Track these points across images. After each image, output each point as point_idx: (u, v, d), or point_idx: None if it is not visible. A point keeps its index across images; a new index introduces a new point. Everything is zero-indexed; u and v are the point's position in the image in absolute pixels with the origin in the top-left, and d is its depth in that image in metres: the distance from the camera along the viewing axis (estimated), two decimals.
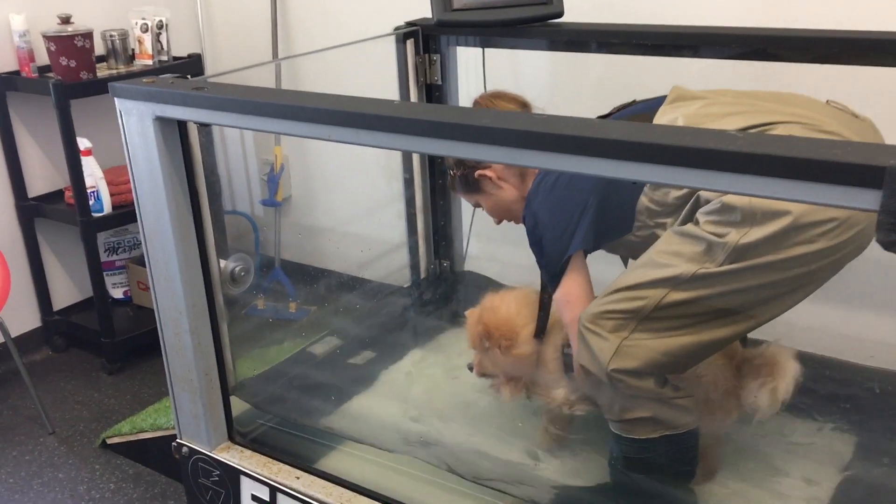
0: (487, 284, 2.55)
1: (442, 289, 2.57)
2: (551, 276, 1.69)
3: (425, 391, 2.21)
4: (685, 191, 1.53)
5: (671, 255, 1.47)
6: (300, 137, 1.39)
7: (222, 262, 1.88)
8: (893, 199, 0.89)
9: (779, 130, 1.44)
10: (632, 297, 1.49)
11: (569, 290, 1.66)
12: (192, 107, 1.52)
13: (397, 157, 2.53)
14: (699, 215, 1.47)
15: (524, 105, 1.94)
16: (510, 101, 1.95)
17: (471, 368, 1.94)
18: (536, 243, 1.71)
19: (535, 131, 1.13)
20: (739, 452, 1.80)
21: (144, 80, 1.60)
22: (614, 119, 1.71)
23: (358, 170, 2.98)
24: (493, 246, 2.57)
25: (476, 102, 1.97)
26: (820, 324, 2.04)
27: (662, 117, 1.58)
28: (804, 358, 1.65)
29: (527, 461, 1.87)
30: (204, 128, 1.68)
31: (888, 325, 2.19)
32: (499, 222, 2.01)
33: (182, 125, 1.63)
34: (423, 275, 2.55)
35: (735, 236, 1.40)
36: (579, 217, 1.62)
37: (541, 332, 1.82)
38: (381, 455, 1.90)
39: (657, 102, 1.65)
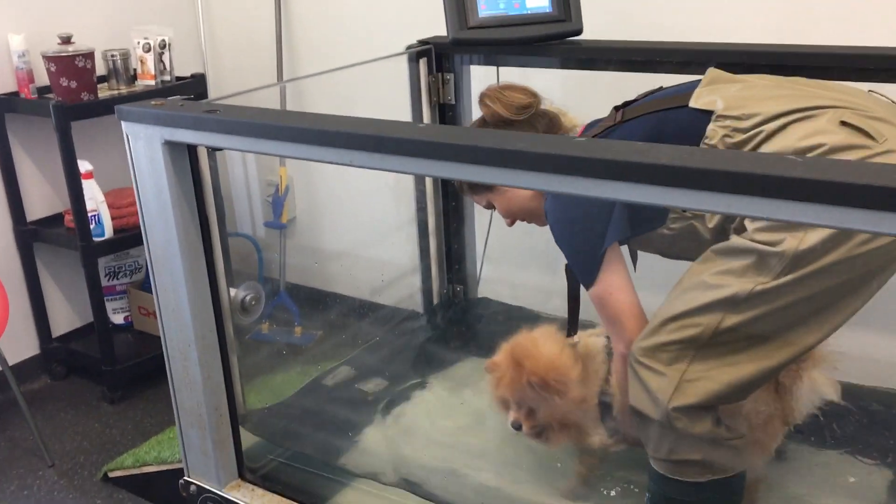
0: (502, 310, 2.48)
1: (456, 315, 2.49)
2: (585, 272, 1.56)
3: (444, 425, 2.12)
4: None
5: (721, 273, 1.38)
6: (318, 162, 1.32)
7: (232, 291, 1.80)
8: None
9: (827, 115, 1.35)
10: (685, 326, 1.40)
11: (610, 282, 1.53)
12: (203, 130, 1.45)
13: (408, 178, 2.46)
14: (747, 223, 1.37)
15: (534, 96, 1.79)
16: (520, 91, 1.78)
17: (518, 427, 1.72)
18: (564, 238, 1.58)
19: (574, 156, 1.06)
20: (775, 488, 1.72)
21: (153, 102, 1.53)
22: (638, 103, 1.61)
23: (367, 191, 2.91)
24: (507, 269, 2.50)
25: (484, 95, 1.80)
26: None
27: (699, 99, 1.48)
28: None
29: (559, 500, 1.78)
30: (215, 151, 1.61)
31: None
32: (511, 223, 1.86)
33: (192, 149, 1.56)
34: (435, 300, 2.48)
35: (792, 242, 1.30)
36: (612, 205, 1.52)
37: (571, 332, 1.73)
38: (401, 494, 1.81)
39: (687, 87, 1.55)
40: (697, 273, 1.43)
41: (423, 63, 2.23)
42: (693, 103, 1.49)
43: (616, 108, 1.63)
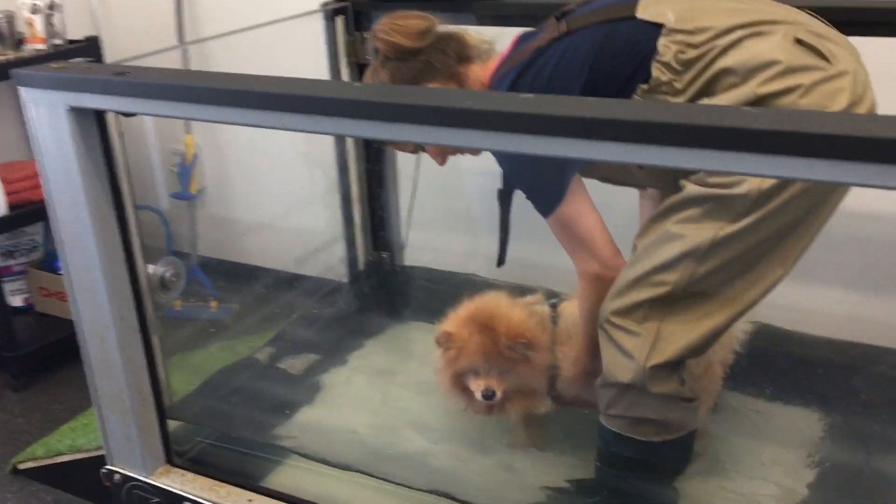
0: (429, 275, 2.44)
1: (383, 283, 2.43)
2: (549, 198, 1.48)
3: (377, 396, 2.08)
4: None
5: (682, 223, 1.35)
6: (244, 126, 1.23)
7: (150, 268, 1.69)
8: None
9: (781, 31, 1.33)
10: (655, 283, 1.38)
11: (577, 204, 1.46)
12: (114, 95, 1.33)
13: (327, 144, 2.37)
14: (703, 173, 1.35)
15: (429, 18, 1.64)
16: (414, 17, 1.62)
17: (490, 395, 1.63)
18: (522, 168, 1.51)
19: (525, 113, 1.02)
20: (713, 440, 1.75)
21: (53, 65, 1.40)
22: (579, 13, 1.51)
23: (282, 159, 2.79)
24: (433, 234, 2.45)
25: (378, 31, 1.62)
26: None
27: (647, 10, 1.42)
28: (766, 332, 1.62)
29: (500, 466, 1.76)
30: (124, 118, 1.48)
31: (846, 297, 2.17)
32: (444, 161, 1.73)
33: (100, 116, 1.44)
34: (361, 268, 2.41)
35: (755, 182, 1.28)
36: None
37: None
38: (338, 469, 1.76)
39: None
40: (658, 227, 1.40)
41: (340, 22, 2.14)
42: (641, 14, 1.42)
43: (557, 18, 1.54)
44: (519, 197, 1.61)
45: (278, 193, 2.88)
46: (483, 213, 2.52)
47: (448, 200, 2.51)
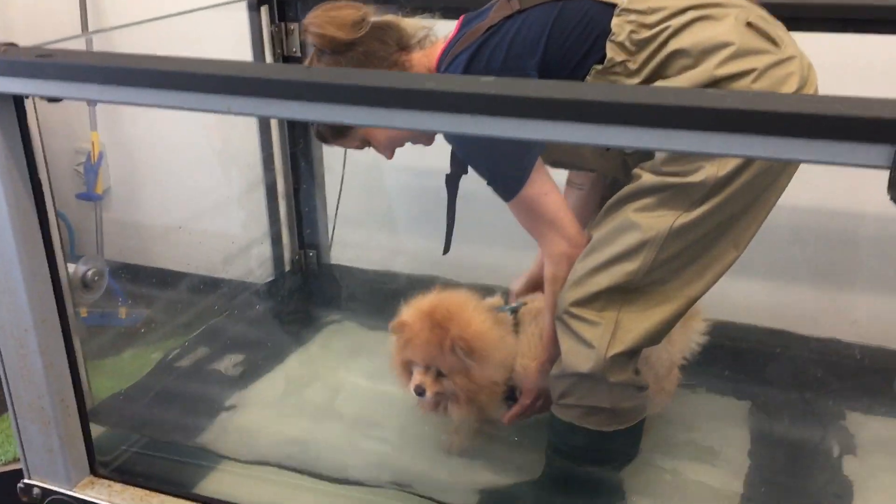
0: (357, 274, 2.40)
1: (310, 282, 2.37)
2: (512, 181, 1.45)
3: (307, 396, 2.02)
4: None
5: (639, 212, 1.36)
6: (187, 110, 1.17)
7: (71, 267, 1.59)
8: None
9: (733, 14, 1.35)
10: (613, 273, 1.38)
11: (541, 185, 1.44)
12: (38, 79, 1.24)
13: (249, 138, 2.29)
14: (658, 160, 1.36)
15: (361, 7, 1.58)
16: (347, 7, 1.57)
17: (421, 392, 1.59)
18: (480, 152, 1.46)
19: (496, 94, 1.00)
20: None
21: None
22: None
23: (198, 155, 2.68)
24: (361, 232, 2.41)
25: (309, 24, 1.56)
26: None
27: None
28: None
29: (439, 463, 1.74)
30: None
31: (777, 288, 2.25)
32: (392, 155, 1.66)
33: (19, 102, 1.34)
34: (287, 267, 2.34)
35: (711, 170, 1.30)
36: None
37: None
38: (271, 470, 1.70)
39: None
40: (615, 216, 1.41)
41: (264, 12, 2.07)
42: None
43: None
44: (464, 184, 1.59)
45: (193, 193, 2.77)
46: (407, 211, 2.49)
47: (372, 198, 2.48)
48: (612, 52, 1.38)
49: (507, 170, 1.46)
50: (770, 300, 2.17)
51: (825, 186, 2.05)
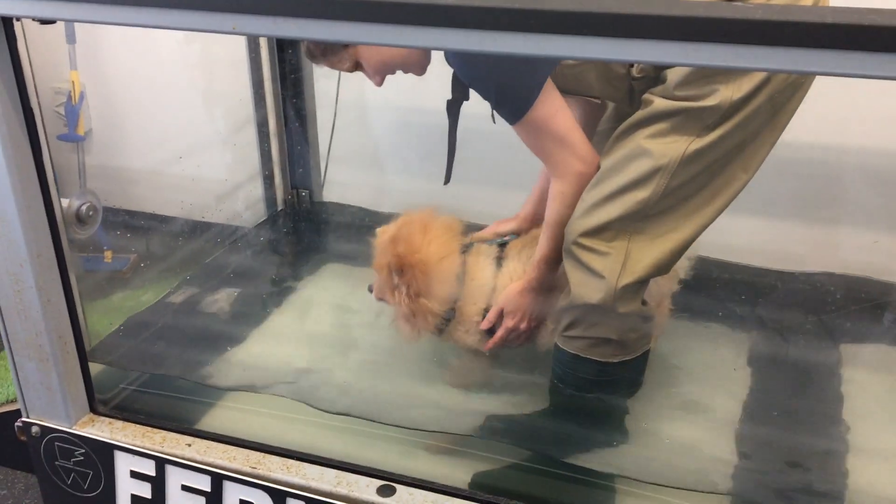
0: (349, 212, 2.37)
1: (302, 221, 2.33)
2: (521, 101, 1.42)
3: (309, 332, 2.01)
4: None
5: (650, 139, 1.34)
6: (195, 31, 1.12)
7: (64, 201, 1.55)
8: None
9: None
10: (624, 201, 1.36)
11: (552, 104, 1.39)
12: None
13: (241, 75, 2.23)
14: (672, 84, 1.33)
15: None
16: None
17: (370, 289, 1.73)
18: (488, 72, 1.41)
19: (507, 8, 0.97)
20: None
21: None
22: None
23: (186, 96, 2.61)
24: (353, 170, 2.37)
25: None
26: None
27: None
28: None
29: (443, 396, 1.74)
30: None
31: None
32: (381, 81, 1.60)
33: (9, 25, 1.29)
34: (279, 207, 2.30)
35: (726, 93, 1.27)
36: None
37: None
38: (273, 405, 1.69)
39: None
40: (625, 143, 1.38)
41: None
42: None
43: None
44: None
45: (180, 134, 2.70)
46: (401, 149, 2.45)
47: (365, 136, 2.43)
48: None
49: (514, 91, 1.42)
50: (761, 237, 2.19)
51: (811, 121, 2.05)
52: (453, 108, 1.59)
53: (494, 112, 1.48)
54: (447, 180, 1.63)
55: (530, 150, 1.49)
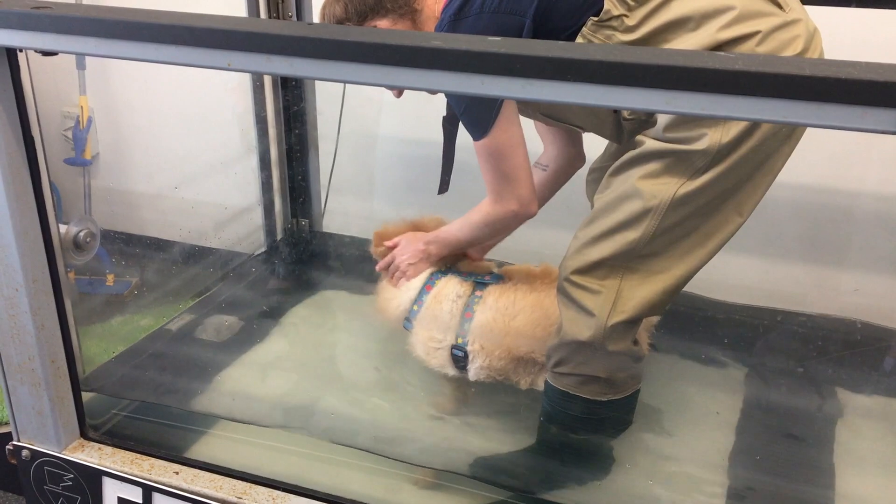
0: (349, 243, 2.39)
1: (304, 250, 2.35)
2: (481, 122, 1.45)
3: (303, 360, 2.01)
4: None
5: (643, 179, 1.35)
6: (193, 67, 1.15)
7: (62, 227, 1.57)
8: None
9: None
10: (615, 240, 1.37)
11: (508, 135, 1.43)
12: (33, 31, 1.21)
13: (244, 103, 2.26)
14: (661, 126, 1.35)
15: None
16: None
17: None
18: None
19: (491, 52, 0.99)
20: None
21: None
22: None
23: (191, 123, 2.65)
24: (354, 201, 2.39)
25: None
26: None
27: None
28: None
29: (437, 428, 1.74)
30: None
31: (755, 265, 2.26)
32: (400, 93, 1.69)
33: (12, 56, 1.32)
34: (279, 236, 2.32)
35: (715, 137, 1.29)
36: None
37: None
38: (263, 434, 1.69)
39: None
40: (615, 184, 1.40)
41: None
42: None
43: None
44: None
45: (182, 160, 2.74)
46: (400, 180, 2.48)
47: (365, 166, 2.46)
48: (609, 4, 1.36)
49: (477, 109, 1.44)
50: (763, 277, 2.19)
51: (818, 164, 2.06)
52: (449, 124, 1.62)
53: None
54: (442, 190, 1.65)
55: (482, 176, 1.52)
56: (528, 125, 1.75)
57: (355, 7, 1.54)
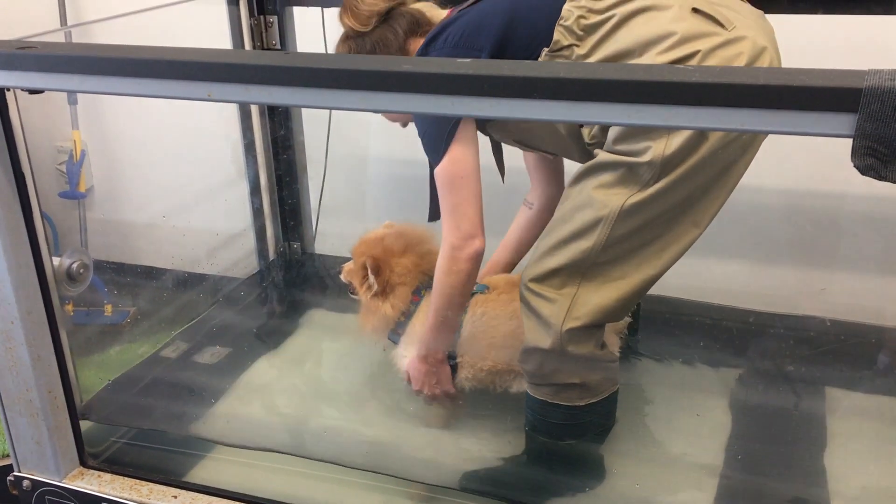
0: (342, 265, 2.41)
1: (294, 273, 2.38)
2: (435, 149, 1.48)
3: (298, 382, 2.04)
4: None
5: (596, 189, 1.38)
6: (179, 99, 1.18)
7: (56, 260, 1.60)
8: (869, 122, 0.88)
9: (677, 3, 1.37)
10: (570, 249, 1.40)
11: (462, 165, 1.45)
12: (19, 70, 1.25)
13: (232, 131, 2.30)
14: (611, 139, 1.38)
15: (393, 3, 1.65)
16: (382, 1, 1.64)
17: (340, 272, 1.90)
18: (418, 116, 1.51)
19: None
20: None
21: None
22: None
23: (182, 153, 2.69)
24: (344, 223, 2.42)
25: (340, 10, 1.66)
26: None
27: None
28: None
29: (432, 443, 1.76)
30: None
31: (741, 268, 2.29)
32: (406, 123, 1.74)
33: (0, 95, 1.35)
34: (271, 259, 2.35)
35: (658, 149, 1.32)
36: None
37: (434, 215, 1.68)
38: (261, 457, 1.72)
39: None
40: (573, 194, 1.43)
41: (243, 5, 2.09)
42: None
43: None
44: None
45: (174, 190, 2.77)
46: (391, 201, 2.51)
47: (355, 188, 2.50)
48: (559, 35, 1.41)
49: (433, 137, 1.48)
50: (749, 280, 2.21)
51: (798, 168, 2.09)
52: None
53: None
54: (433, 217, 1.67)
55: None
56: (516, 154, 1.79)
57: (362, 50, 1.63)
